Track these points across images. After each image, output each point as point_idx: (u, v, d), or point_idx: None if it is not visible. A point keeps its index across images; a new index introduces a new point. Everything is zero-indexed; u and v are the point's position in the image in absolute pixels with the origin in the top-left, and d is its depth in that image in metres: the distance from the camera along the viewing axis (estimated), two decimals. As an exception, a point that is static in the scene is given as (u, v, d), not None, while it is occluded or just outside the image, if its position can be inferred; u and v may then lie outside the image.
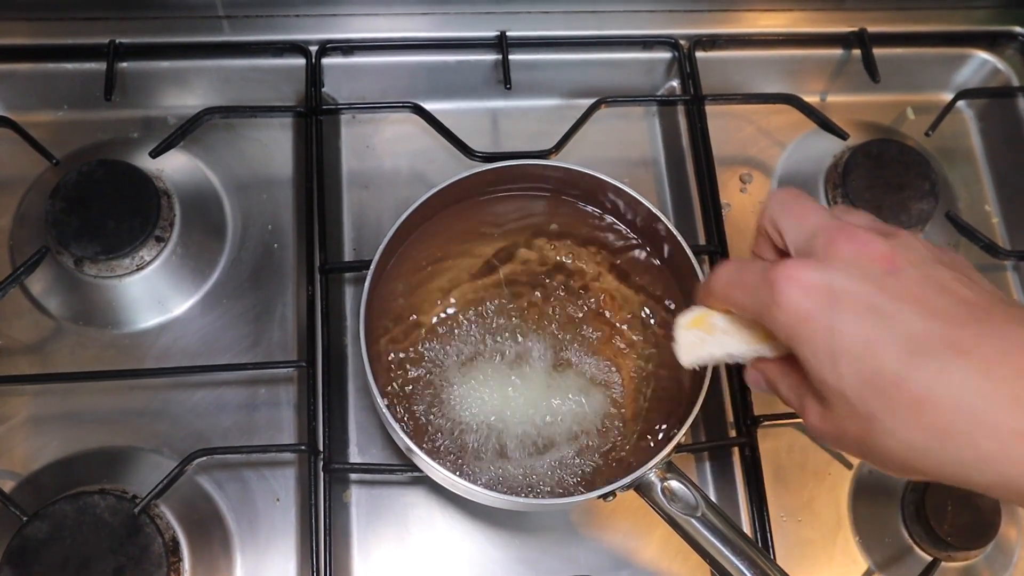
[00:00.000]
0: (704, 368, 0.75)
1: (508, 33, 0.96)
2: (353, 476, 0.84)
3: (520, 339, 0.79)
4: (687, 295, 0.81)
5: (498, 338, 0.78)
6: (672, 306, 0.81)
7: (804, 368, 0.49)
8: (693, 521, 0.69)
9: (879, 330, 0.45)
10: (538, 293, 0.81)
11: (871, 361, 0.45)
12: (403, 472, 0.82)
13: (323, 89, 0.95)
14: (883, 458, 0.48)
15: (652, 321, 0.81)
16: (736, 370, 0.87)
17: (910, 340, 0.44)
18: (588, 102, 0.94)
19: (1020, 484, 0.42)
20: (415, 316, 0.78)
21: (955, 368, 0.43)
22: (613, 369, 0.79)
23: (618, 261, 0.83)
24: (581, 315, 0.80)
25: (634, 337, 0.80)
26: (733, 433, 0.86)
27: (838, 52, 1.03)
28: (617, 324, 0.80)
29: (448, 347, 0.78)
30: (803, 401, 0.52)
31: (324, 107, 0.93)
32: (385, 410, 0.71)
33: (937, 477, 0.46)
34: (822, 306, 0.46)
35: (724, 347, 0.57)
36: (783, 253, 0.55)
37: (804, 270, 0.48)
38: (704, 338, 0.57)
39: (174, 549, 0.77)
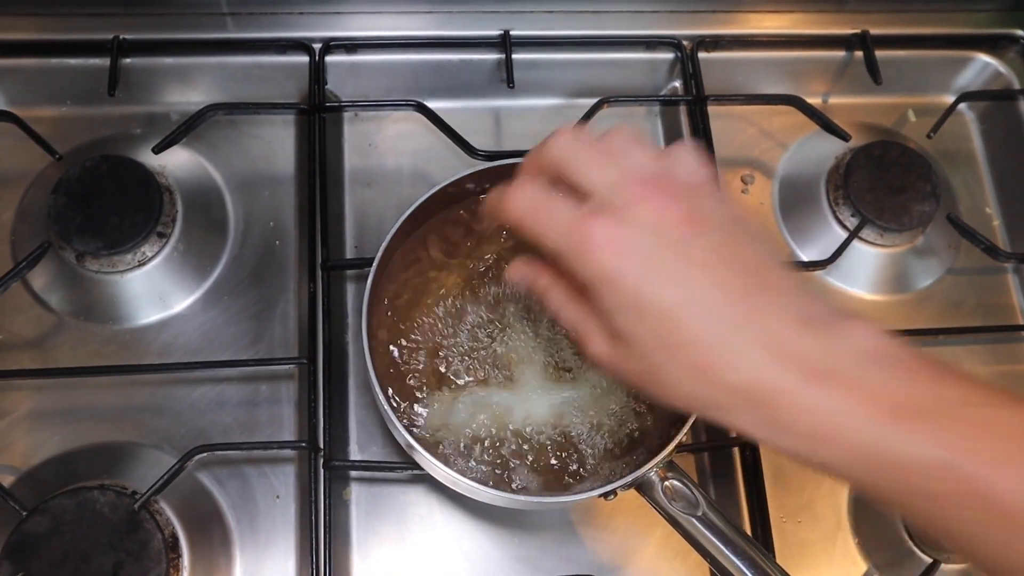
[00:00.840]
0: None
1: (512, 32, 0.96)
2: (353, 474, 0.84)
3: (523, 337, 0.79)
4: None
5: (501, 336, 0.78)
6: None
7: (601, 309, 0.53)
8: (694, 520, 0.69)
9: (677, 295, 0.50)
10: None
11: (670, 323, 0.50)
12: (403, 470, 0.82)
13: (326, 87, 0.95)
14: (663, 396, 0.54)
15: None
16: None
17: (703, 309, 0.50)
18: (591, 102, 0.94)
19: (793, 438, 0.50)
20: (417, 313, 0.78)
21: (741, 338, 0.49)
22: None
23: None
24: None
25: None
26: (734, 433, 0.86)
27: (840, 54, 1.04)
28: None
29: (450, 344, 0.78)
30: (586, 328, 0.55)
31: (327, 104, 0.93)
32: (386, 406, 0.71)
33: (708, 418, 0.55)
34: (630, 266, 0.50)
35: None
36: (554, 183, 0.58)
37: (615, 229, 0.51)
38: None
39: (174, 545, 0.77)
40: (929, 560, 0.83)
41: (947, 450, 0.46)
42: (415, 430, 0.74)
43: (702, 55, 1.00)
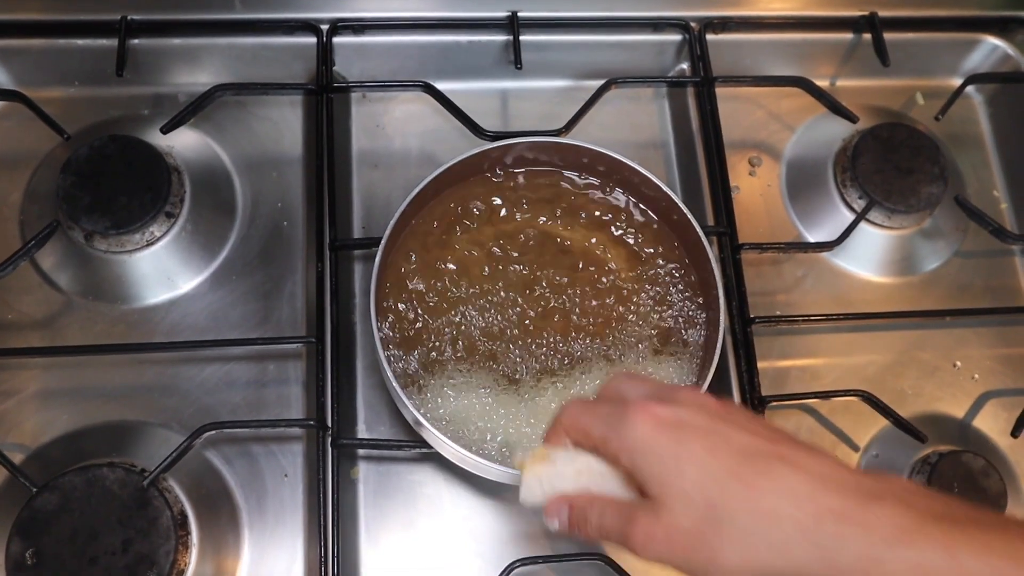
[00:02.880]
0: (711, 350, 0.76)
1: (519, 14, 0.96)
2: (361, 452, 0.85)
3: (529, 317, 0.79)
4: (697, 274, 0.81)
5: (507, 313, 0.78)
6: (680, 286, 0.81)
7: (641, 481, 0.54)
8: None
9: (716, 444, 0.52)
10: (549, 271, 0.81)
11: (711, 461, 0.51)
12: (411, 448, 0.82)
13: (334, 68, 0.95)
14: (711, 561, 0.51)
15: (660, 300, 0.81)
16: (744, 351, 0.87)
17: (742, 450, 0.52)
18: (598, 83, 0.94)
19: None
20: (424, 292, 0.79)
21: (776, 471, 0.50)
22: (623, 347, 0.79)
23: (628, 239, 0.83)
24: (591, 292, 0.81)
25: (642, 313, 0.80)
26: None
27: (848, 36, 1.03)
28: (626, 300, 0.81)
29: (457, 322, 0.78)
30: (631, 516, 0.55)
31: (335, 85, 0.93)
32: (394, 383, 0.71)
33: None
34: (670, 430, 0.53)
35: (560, 483, 0.59)
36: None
37: (655, 405, 0.54)
38: (541, 475, 0.59)
39: (182, 523, 0.78)
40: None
41: None
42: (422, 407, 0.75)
43: (710, 37, 1.00)
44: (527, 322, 0.79)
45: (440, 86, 0.92)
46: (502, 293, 0.79)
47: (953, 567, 0.46)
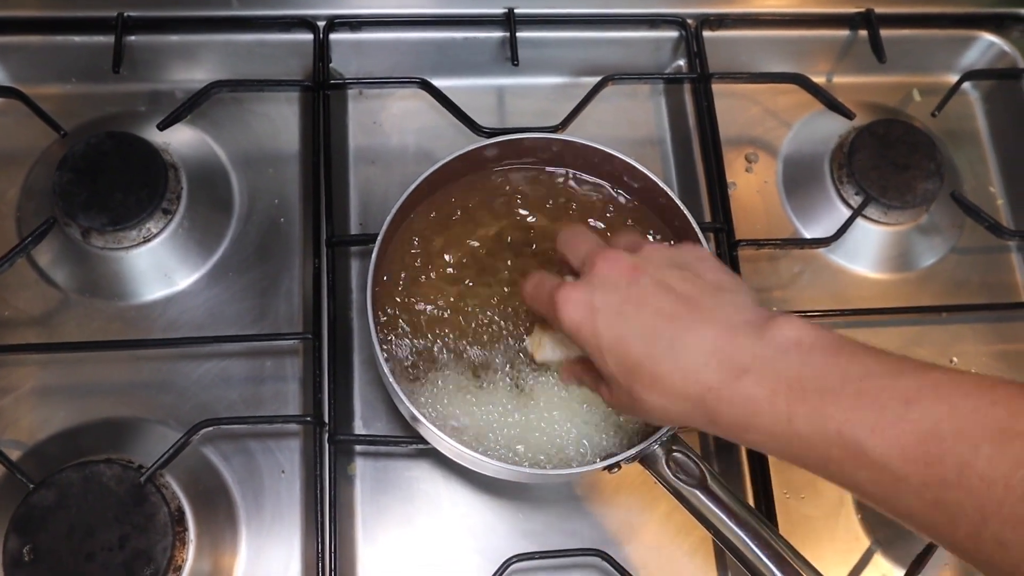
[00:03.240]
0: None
1: (516, 10, 0.96)
2: (358, 448, 0.85)
3: (526, 312, 0.79)
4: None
5: (505, 309, 0.78)
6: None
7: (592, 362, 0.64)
8: (697, 493, 0.70)
9: (625, 329, 0.60)
10: (546, 267, 0.81)
11: (622, 352, 0.60)
12: (408, 444, 0.82)
13: (331, 64, 0.95)
14: (646, 416, 0.64)
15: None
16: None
17: (644, 334, 0.59)
18: (595, 80, 0.94)
19: (721, 422, 0.58)
20: (421, 288, 0.79)
21: (677, 351, 0.58)
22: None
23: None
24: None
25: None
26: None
27: (845, 32, 1.04)
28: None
29: (455, 319, 0.78)
30: (599, 385, 0.66)
31: (331, 82, 0.93)
32: (391, 378, 0.71)
33: (683, 424, 0.62)
34: (588, 316, 0.61)
35: (557, 353, 0.71)
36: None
37: (573, 291, 0.62)
38: (544, 344, 0.72)
39: (180, 519, 0.78)
40: (931, 536, 0.83)
41: (838, 422, 0.52)
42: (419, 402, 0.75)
43: (707, 33, 1.00)
44: (523, 317, 0.79)
45: (437, 83, 0.93)
46: (499, 288, 0.79)
47: (788, 432, 0.54)
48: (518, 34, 0.95)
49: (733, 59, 1.02)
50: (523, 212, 0.83)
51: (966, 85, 1.04)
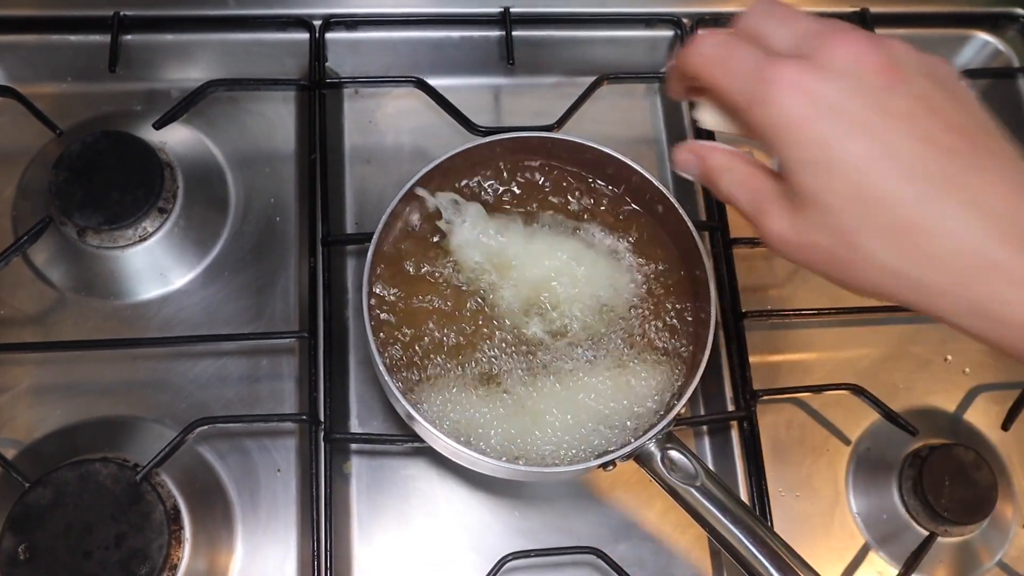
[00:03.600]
0: (703, 345, 0.76)
1: (512, 10, 0.96)
2: (354, 447, 0.85)
3: (525, 316, 0.79)
4: (689, 268, 0.81)
5: (501, 310, 0.78)
6: (670, 279, 0.81)
7: (784, 172, 0.48)
8: (692, 491, 0.70)
9: (873, 148, 0.44)
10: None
11: (865, 177, 0.44)
12: (404, 442, 0.83)
13: (327, 64, 0.95)
14: (852, 275, 0.48)
15: (653, 292, 0.81)
16: (736, 345, 0.87)
17: (904, 163, 0.44)
18: (590, 79, 0.94)
19: (1001, 326, 0.43)
20: (417, 287, 0.79)
21: (949, 199, 0.43)
22: (613, 341, 0.79)
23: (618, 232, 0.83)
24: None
25: (632, 307, 0.80)
26: (732, 408, 0.87)
27: (840, 32, 1.03)
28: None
29: (451, 318, 0.78)
30: (765, 207, 0.50)
31: (327, 81, 0.93)
32: (387, 377, 0.71)
33: (902, 301, 0.47)
34: (818, 116, 0.45)
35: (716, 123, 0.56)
36: (695, 91, 0.54)
37: (805, 75, 0.46)
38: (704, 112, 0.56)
39: (175, 517, 0.78)
40: (926, 533, 0.84)
41: None
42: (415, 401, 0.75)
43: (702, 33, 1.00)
44: (518, 315, 0.79)
45: (433, 82, 0.93)
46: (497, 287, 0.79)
47: None
48: (514, 33, 0.96)
49: (729, 58, 1.02)
50: (519, 211, 0.83)
51: (961, 84, 1.04)
